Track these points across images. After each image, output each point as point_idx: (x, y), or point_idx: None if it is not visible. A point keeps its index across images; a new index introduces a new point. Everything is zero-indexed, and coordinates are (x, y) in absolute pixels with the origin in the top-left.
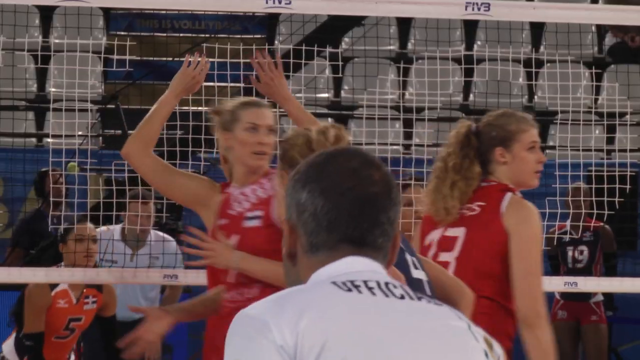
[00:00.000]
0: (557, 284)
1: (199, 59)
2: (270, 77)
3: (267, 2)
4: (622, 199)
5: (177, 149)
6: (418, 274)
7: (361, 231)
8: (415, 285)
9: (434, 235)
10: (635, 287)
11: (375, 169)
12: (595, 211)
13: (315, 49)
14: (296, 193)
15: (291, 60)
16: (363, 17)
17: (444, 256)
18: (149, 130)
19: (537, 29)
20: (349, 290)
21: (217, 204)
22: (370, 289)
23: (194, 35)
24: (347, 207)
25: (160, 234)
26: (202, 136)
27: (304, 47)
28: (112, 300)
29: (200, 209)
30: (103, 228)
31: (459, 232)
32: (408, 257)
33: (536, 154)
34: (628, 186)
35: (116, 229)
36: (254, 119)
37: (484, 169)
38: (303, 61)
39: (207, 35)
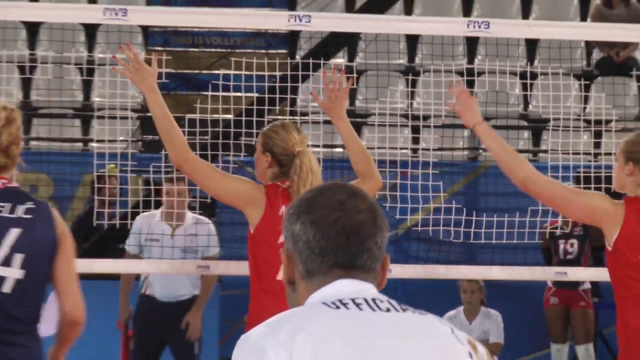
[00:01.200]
0: (549, 273)
1: (123, 58)
2: (335, 94)
3: (289, 21)
4: None
5: (208, 152)
6: (3, 271)
7: (350, 257)
8: None
9: None
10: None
11: (361, 200)
12: None
13: (332, 62)
14: (291, 225)
15: (310, 73)
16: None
17: None
18: (176, 133)
19: (532, 45)
20: (337, 307)
21: (264, 201)
22: (357, 305)
23: (222, 50)
24: (336, 236)
25: (197, 215)
26: (231, 141)
27: (322, 61)
28: None
29: (248, 208)
30: (145, 213)
31: None
32: None
33: None
34: (613, 186)
35: (157, 212)
36: None
37: None
38: (321, 73)
39: (234, 50)
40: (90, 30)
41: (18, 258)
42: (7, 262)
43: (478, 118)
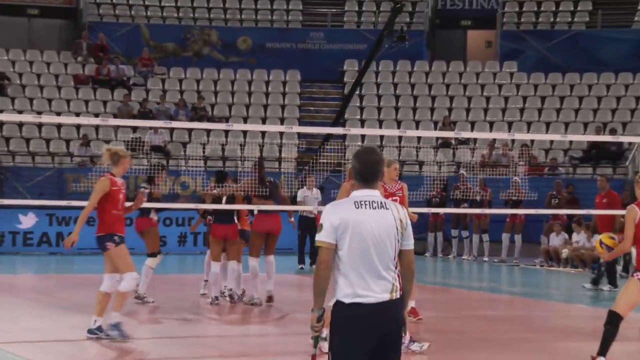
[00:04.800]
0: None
1: None
2: None
3: (343, 129)
4: (444, 186)
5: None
6: None
7: (368, 178)
8: None
9: None
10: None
11: (375, 155)
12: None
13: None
14: (353, 160)
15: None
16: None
17: None
18: None
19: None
20: (357, 207)
21: None
22: (365, 204)
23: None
24: (365, 169)
25: (317, 189)
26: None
27: (347, 143)
28: None
29: None
30: (302, 188)
31: None
32: None
33: None
34: (444, 182)
35: (305, 187)
36: None
37: None
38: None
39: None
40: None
41: None
42: None
43: None
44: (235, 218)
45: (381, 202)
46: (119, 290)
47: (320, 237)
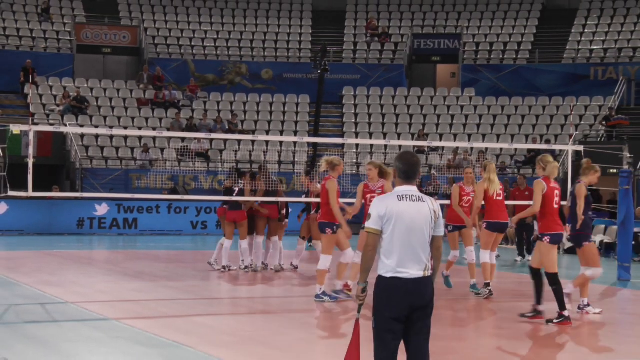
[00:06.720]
0: None
1: None
2: None
3: (343, 139)
4: (420, 183)
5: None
6: None
7: (410, 176)
8: None
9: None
10: None
11: (415, 157)
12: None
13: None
14: (397, 162)
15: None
16: None
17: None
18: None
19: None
20: (399, 199)
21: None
22: (405, 197)
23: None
24: (407, 168)
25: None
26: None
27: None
28: None
29: None
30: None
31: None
32: None
33: None
34: (420, 180)
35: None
36: None
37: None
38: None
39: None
40: None
41: None
42: None
43: None
44: (242, 206)
45: (419, 196)
46: (341, 262)
47: (369, 225)
